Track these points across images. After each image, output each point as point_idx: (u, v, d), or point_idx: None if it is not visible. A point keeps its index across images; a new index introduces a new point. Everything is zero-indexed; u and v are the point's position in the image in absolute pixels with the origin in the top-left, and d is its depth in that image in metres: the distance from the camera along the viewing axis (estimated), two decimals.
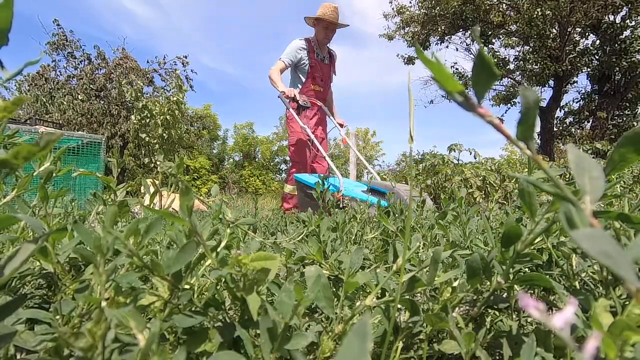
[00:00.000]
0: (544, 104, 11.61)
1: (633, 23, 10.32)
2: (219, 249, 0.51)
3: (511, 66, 12.23)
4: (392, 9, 12.15)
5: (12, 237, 0.64)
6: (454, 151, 5.69)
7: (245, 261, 0.44)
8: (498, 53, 12.46)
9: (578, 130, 12.51)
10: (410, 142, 0.41)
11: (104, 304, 0.38)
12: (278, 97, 3.56)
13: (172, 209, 0.76)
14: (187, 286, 0.52)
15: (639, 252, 0.21)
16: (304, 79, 3.77)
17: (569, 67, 10.69)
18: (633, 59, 10.25)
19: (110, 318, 0.36)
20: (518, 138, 0.25)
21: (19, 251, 0.32)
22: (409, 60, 12.66)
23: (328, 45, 3.89)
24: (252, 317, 0.42)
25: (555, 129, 12.14)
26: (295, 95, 3.43)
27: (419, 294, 0.61)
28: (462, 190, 1.12)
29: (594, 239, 0.20)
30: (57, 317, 0.51)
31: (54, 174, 0.76)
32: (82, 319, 0.51)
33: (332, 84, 4.06)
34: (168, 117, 8.76)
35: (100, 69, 11.82)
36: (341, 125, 3.92)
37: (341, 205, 2.70)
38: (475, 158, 5.73)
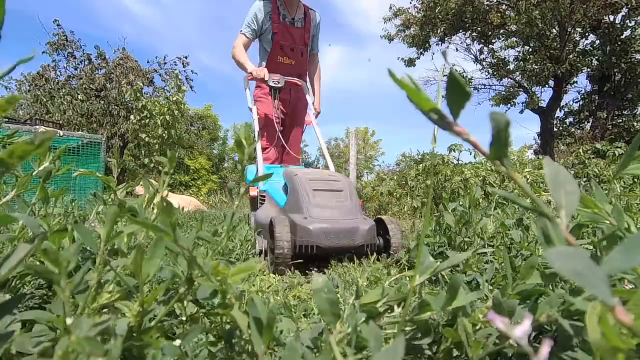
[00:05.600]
0: (544, 104, 11.59)
1: (633, 23, 10.31)
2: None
3: (511, 66, 12.20)
4: (391, 11, 12.12)
5: (11, 237, 0.64)
6: (454, 151, 5.68)
7: (226, 273, 0.43)
8: (498, 54, 12.44)
9: (578, 131, 12.50)
10: (433, 143, 0.42)
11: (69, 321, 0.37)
12: (245, 82, 2.81)
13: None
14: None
15: (613, 267, 0.21)
16: (268, 51, 2.82)
17: (569, 67, 10.67)
18: (633, 59, 10.24)
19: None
20: (492, 157, 0.26)
21: (15, 251, 0.32)
22: (410, 62, 12.65)
23: (304, 3, 2.93)
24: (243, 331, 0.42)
25: (555, 129, 12.12)
26: (264, 76, 2.59)
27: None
28: (477, 189, 1.10)
29: (566, 258, 0.20)
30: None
31: (53, 174, 0.75)
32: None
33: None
34: (168, 117, 8.76)
35: (100, 69, 11.82)
36: (316, 111, 3.02)
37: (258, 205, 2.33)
38: (475, 158, 5.72)
